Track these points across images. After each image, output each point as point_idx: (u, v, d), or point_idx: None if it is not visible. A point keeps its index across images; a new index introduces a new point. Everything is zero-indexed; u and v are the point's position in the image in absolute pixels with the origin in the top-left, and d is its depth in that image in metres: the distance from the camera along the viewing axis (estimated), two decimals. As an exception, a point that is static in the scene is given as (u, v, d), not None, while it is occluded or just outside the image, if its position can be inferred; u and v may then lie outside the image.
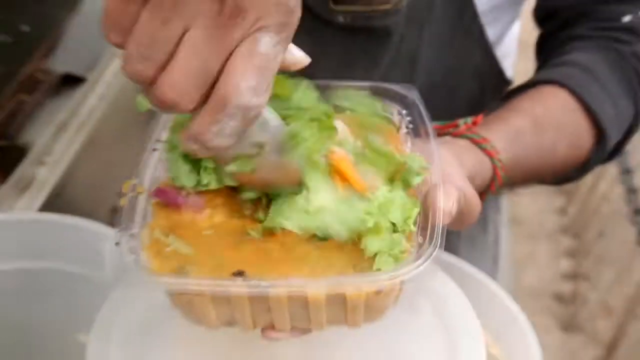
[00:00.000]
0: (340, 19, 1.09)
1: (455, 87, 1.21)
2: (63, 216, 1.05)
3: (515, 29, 1.30)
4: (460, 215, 0.74)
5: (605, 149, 1.02)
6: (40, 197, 1.30)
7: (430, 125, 0.78)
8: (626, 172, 2.70)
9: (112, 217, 1.56)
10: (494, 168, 0.88)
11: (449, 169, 0.78)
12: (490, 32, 1.16)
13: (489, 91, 1.24)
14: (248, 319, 0.67)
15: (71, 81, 1.57)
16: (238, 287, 0.63)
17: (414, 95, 0.82)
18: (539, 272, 3.24)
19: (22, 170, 1.32)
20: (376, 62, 1.14)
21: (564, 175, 1.04)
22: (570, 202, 3.56)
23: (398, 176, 0.72)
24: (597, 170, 3.10)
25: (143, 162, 0.75)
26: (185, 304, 0.67)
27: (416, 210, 0.69)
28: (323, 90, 0.79)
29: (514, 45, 1.32)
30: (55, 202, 1.33)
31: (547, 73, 1.01)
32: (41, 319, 1.10)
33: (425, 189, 0.72)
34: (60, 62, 1.61)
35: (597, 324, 2.98)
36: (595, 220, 3.20)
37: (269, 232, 0.69)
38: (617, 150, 1.06)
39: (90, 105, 1.51)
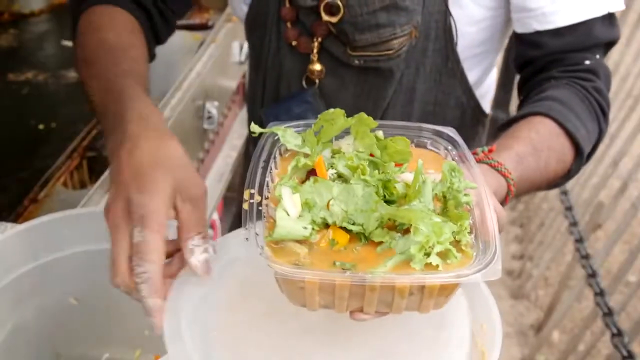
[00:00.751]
0: (356, 61, 1.11)
1: (444, 115, 1.20)
2: (137, 209, 1.04)
3: (493, 75, 1.31)
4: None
5: (582, 160, 1.03)
6: (121, 195, 1.30)
7: (471, 157, 0.77)
8: (561, 178, 2.67)
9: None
10: (508, 185, 0.88)
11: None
12: (470, 75, 1.17)
13: (468, 119, 1.24)
14: (344, 303, 0.66)
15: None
16: (345, 278, 0.63)
17: (454, 133, 0.81)
18: (495, 253, 3.22)
19: (108, 175, 1.31)
20: (382, 94, 1.16)
21: (555, 182, 1.05)
22: (518, 200, 3.54)
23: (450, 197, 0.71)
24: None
25: (255, 174, 0.73)
26: (296, 289, 0.65)
27: (467, 221, 0.67)
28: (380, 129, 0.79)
29: (492, 88, 1.33)
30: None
31: (533, 107, 1.02)
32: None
33: (476, 205, 0.71)
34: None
35: (538, 293, 2.95)
36: (537, 214, 3.18)
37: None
38: (588, 158, 1.07)
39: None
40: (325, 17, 1.07)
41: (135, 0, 1.10)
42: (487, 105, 1.28)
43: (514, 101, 3.89)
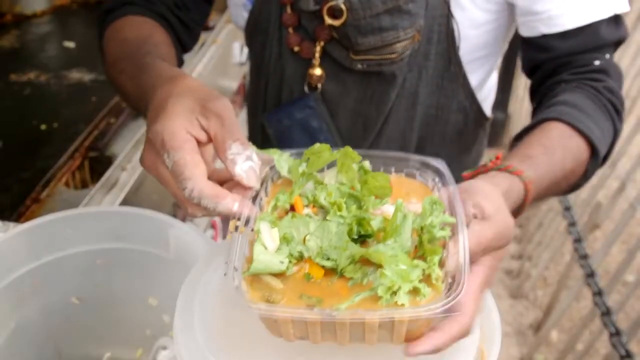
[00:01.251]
0: (359, 66, 1.11)
1: (446, 119, 1.20)
2: (138, 209, 1.04)
3: (494, 78, 1.30)
4: (496, 242, 0.73)
5: (598, 160, 1.01)
6: (122, 195, 1.30)
7: (456, 189, 0.76)
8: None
9: (175, 210, 1.56)
10: (524, 184, 0.85)
11: (486, 190, 0.76)
12: (472, 79, 1.17)
13: (470, 123, 1.23)
14: (318, 336, 0.67)
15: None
16: (314, 315, 0.64)
17: (442, 165, 0.81)
18: (494, 253, 3.22)
19: (109, 175, 1.32)
20: (385, 98, 1.15)
21: (574, 182, 1.02)
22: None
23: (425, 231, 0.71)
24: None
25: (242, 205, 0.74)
26: (272, 322, 0.67)
27: (437, 257, 0.67)
28: (366, 158, 0.80)
29: (493, 91, 1.33)
30: (133, 199, 1.33)
31: (544, 113, 1.00)
32: (122, 286, 1.10)
33: (451, 241, 0.70)
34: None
35: (537, 293, 2.95)
36: (536, 214, 3.18)
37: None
38: (606, 158, 1.05)
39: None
40: (328, 21, 1.06)
41: (155, 11, 1.11)
42: (488, 108, 1.28)
43: (512, 102, 3.89)
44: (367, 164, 0.79)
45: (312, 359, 0.73)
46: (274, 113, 1.22)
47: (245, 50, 2.09)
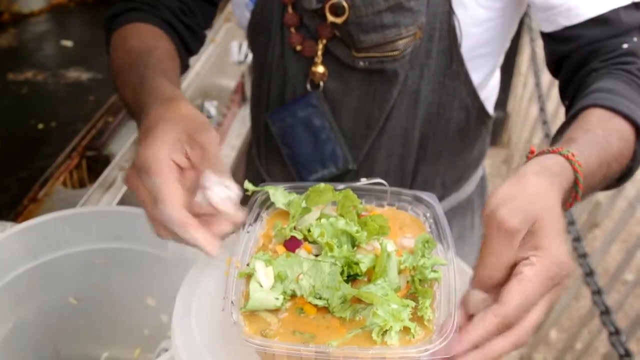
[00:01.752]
0: (361, 63, 1.10)
1: (448, 117, 1.19)
2: (136, 208, 1.04)
3: (497, 77, 1.30)
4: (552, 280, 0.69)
5: None
6: (120, 194, 1.30)
7: (446, 225, 0.78)
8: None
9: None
10: (568, 158, 0.79)
11: (543, 194, 0.72)
12: (475, 77, 1.16)
13: (473, 121, 1.23)
14: None
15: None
16: (309, 350, 0.66)
17: (433, 199, 0.82)
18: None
19: (107, 174, 1.31)
20: (387, 96, 1.15)
21: (625, 165, 0.94)
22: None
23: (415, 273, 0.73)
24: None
25: (240, 242, 0.77)
26: (268, 355, 0.69)
27: (429, 300, 0.70)
28: (359, 191, 0.82)
29: (496, 90, 1.32)
30: (131, 198, 1.33)
31: (578, 104, 0.95)
32: (120, 286, 1.09)
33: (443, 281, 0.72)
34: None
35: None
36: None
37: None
38: None
39: (158, 125, 1.50)
40: (330, 18, 1.06)
41: (160, 16, 1.11)
42: (490, 106, 1.27)
43: (511, 100, 3.89)
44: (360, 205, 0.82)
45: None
46: (277, 112, 1.22)
47: (244, 49, 2.08)
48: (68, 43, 1.94)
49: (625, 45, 1.03)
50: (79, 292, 1.09)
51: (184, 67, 1.15)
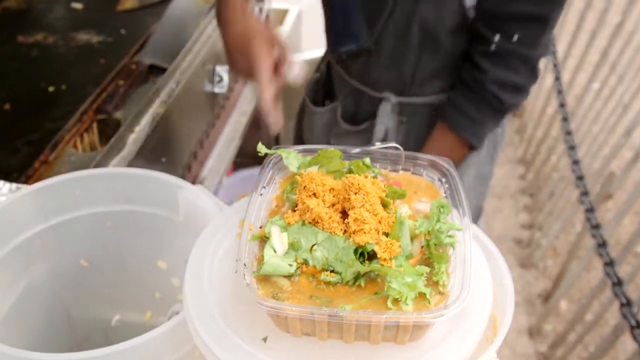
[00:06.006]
0: None
1: (442, 42, 1.37)
2: (147, 171, 1.03)
3: None
4: None
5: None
6: (130, 156, 1.29)
7: (462, 189, 0.78)
8: (571, 148, 2.66)
9: (183, 172, 1.54)
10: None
11: None
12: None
13: (459, 46, 1.39)
14: (324, 333, 0.69)
15: (155, 70, 1.56)
16: (322, 314, 0.65)
17: (450, 165, 0.82)
18: (504, 222, 3.21)
19: (118, 137, 1.30)
20: (374, 21, 1.33)
21: None
22: (528, 170, 3.51)
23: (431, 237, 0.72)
24: (550, 146, 3.06)
25: (251, 205, 0.75)
26: (281, 318, 0.68)
27: (444, 265, 0.69)
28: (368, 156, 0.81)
29: None
30: (141, 160, 1.32)
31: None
32: (131, 248, 1.09)
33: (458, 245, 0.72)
34: (148, 56, 1.59)
35: (547, 262, 2.95)
36: (547, 184, 3.16)
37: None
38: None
39: (169, 88, 1.49)
40: None
41: None
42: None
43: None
44: (367, 160, 0.80)
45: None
46: None
47: (256, 10, 2.06)
48: (78, 5, 1.92)
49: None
50: (90, 255, 1.10)
51: None
